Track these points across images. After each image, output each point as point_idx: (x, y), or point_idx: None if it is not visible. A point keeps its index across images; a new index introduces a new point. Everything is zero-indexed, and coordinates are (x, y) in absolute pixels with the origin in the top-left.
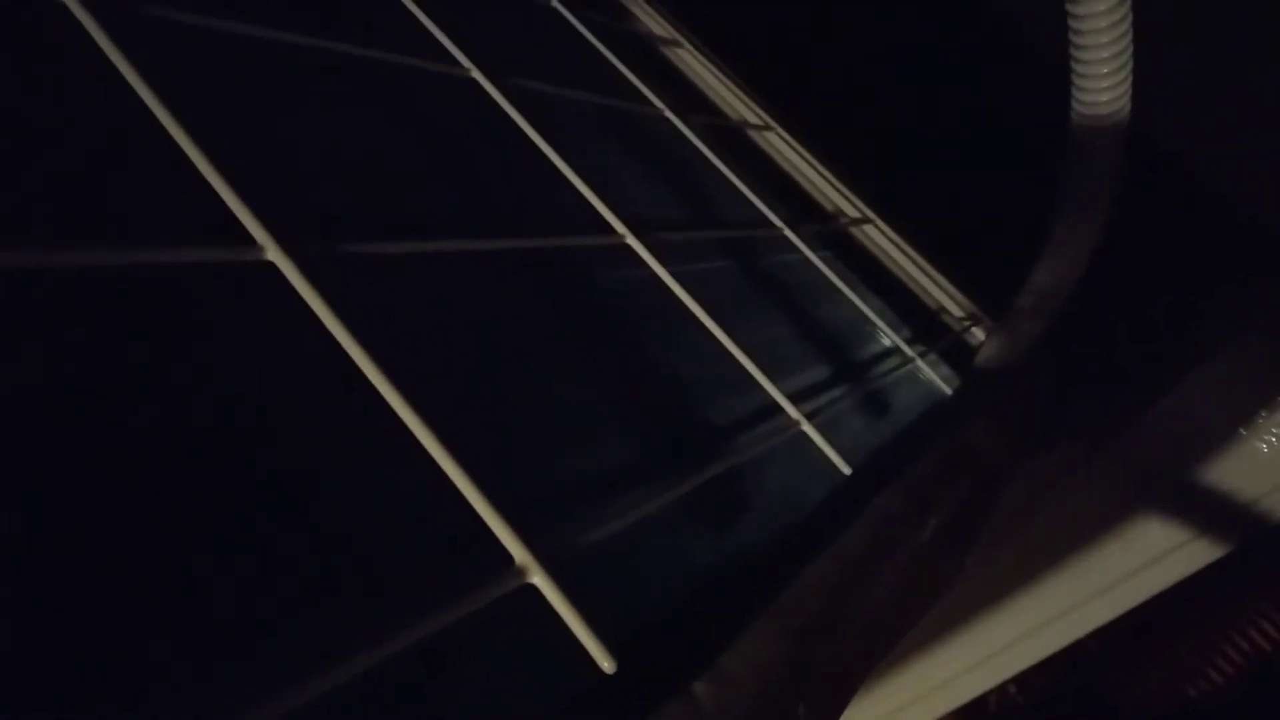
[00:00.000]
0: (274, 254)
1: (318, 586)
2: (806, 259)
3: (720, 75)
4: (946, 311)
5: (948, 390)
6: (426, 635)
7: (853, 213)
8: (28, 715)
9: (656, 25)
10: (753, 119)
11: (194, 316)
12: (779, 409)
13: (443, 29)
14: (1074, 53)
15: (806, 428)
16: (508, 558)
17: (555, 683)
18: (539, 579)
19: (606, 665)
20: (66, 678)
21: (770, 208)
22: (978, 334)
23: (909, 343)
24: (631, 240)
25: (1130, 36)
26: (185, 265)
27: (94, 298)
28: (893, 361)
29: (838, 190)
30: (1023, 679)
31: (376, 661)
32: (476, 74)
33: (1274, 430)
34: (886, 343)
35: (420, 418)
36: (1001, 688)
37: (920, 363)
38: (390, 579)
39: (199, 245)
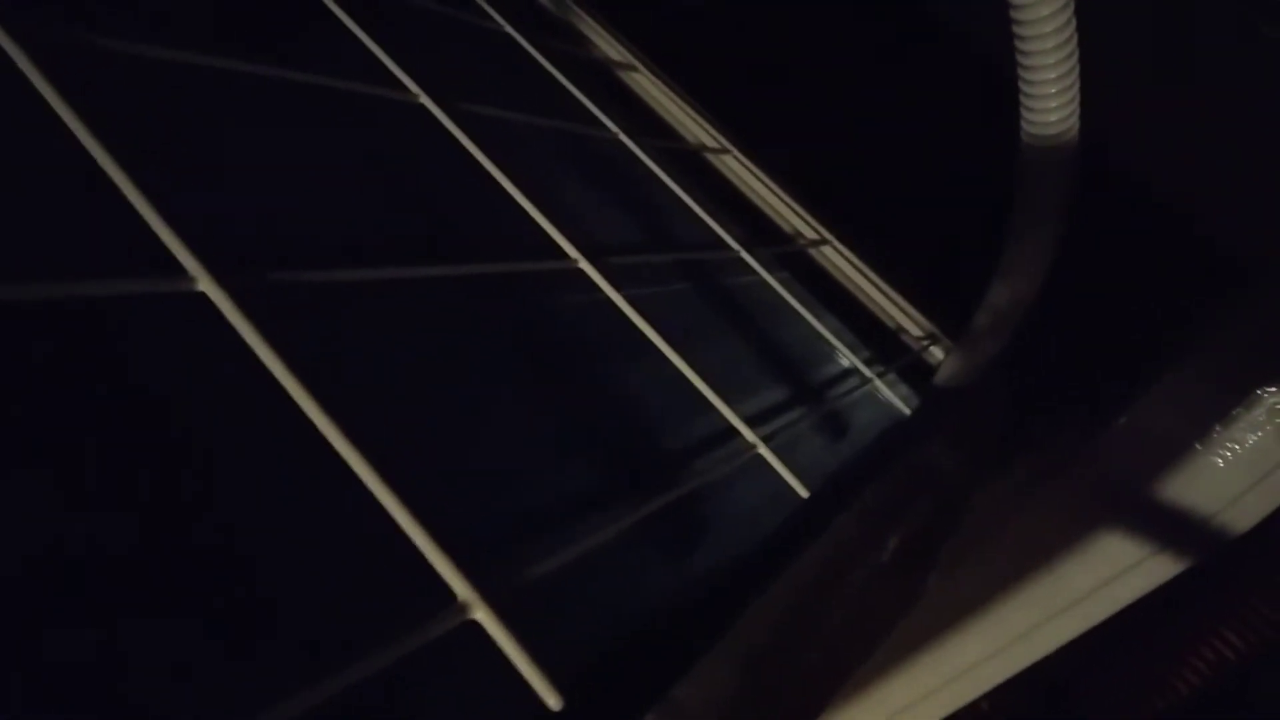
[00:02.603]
0: (206, 284)
1: (250, 626)
2: (763, 280)
3: (676, 99)
4: (905, 331)
5: (906, 410)
6: (365, 676)
7: (810, 234)
8: None
9: (612, 50)
10: (710, 142)
11: (123, 349)
12: (735, 432)
13: (390, 55)
14: (1021, 73)
15: (763, 451)
16: (449, 594)
17: None
18: (482, 614)
19: (553, 702)
20: None
21: (726, 230)
22: (936, 353)
23: (867, 363)
24: (584, 264)
25: (1076, 56)
26: (114, 297)
27: (20, 331)
28: (851, 382)
29: (795, 212)
30: (994, 696)
31: (314, 703)
32: (425, 99)
33: (1229, 445)
34: (844, 363)
35: (357, 450)
36: (974, 705)
37: (879, 383)
38: (326, 617)
39: (128, 277)
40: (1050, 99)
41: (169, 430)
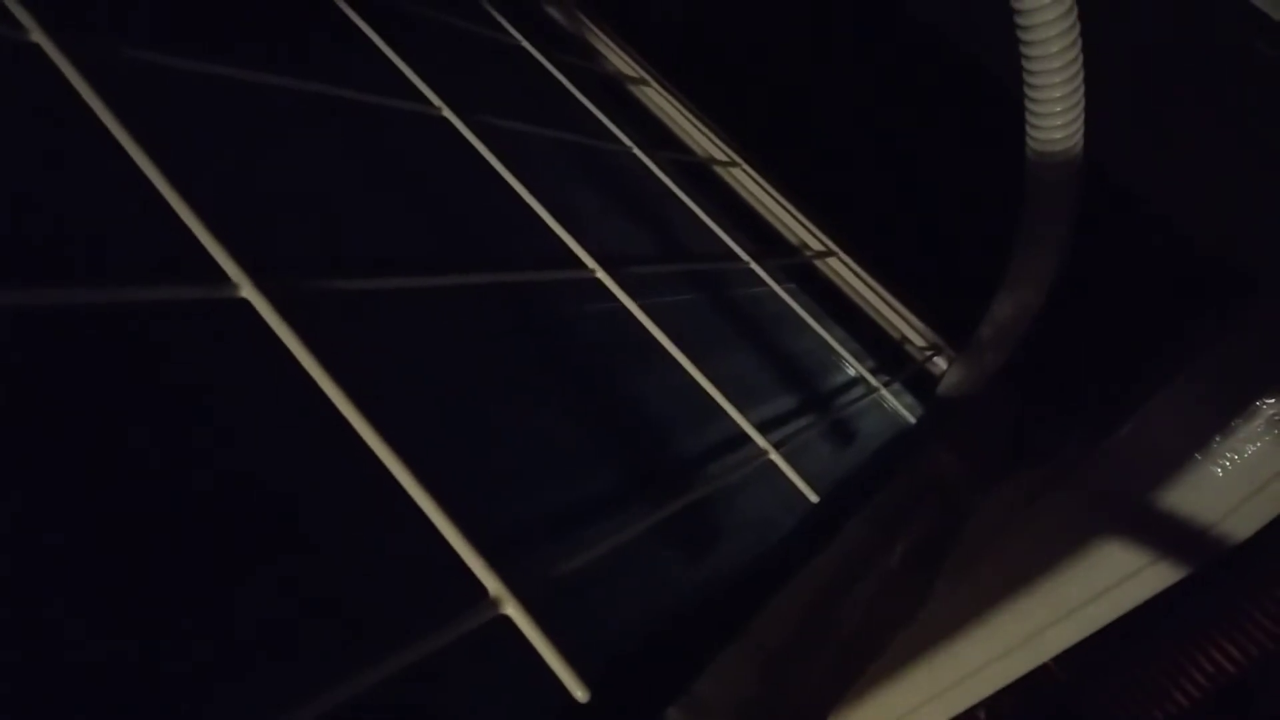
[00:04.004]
0: (248, 291)
1: (292, 621)
2: (772, 291)
3: (687, 113)
4: (909, 342)
5: (911, 419)
6: (401, 668)
7: (817, 246)
8: None
9: (624, 65)
10: (719, 155)
11: (170, 354)
12: (747, 439)
13: (414, 69)
14: (1027, 89)
15: (774, 457)
16: (481, 589)
17: (529, 713)
18: (512, 610)
19: (580, 695)
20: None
21: (736, 241)
22: (940, 364)
23: (873, 373)
24: (601, 274)
25: (1081, 72)
26: (161, 303)
27: (70, 336)
28: (858, 391)
29: (802, 224)
30: (991, 703)
31: (351, 695)
32: (448, 113)
33: (1229, 455)
34: (851, 373)
35: (394, 451)
36: (971, 713)
37: (884, 392)
38: (364, 612)
39: (174, 283)
40: (1056, 116)
41: (213, 429)
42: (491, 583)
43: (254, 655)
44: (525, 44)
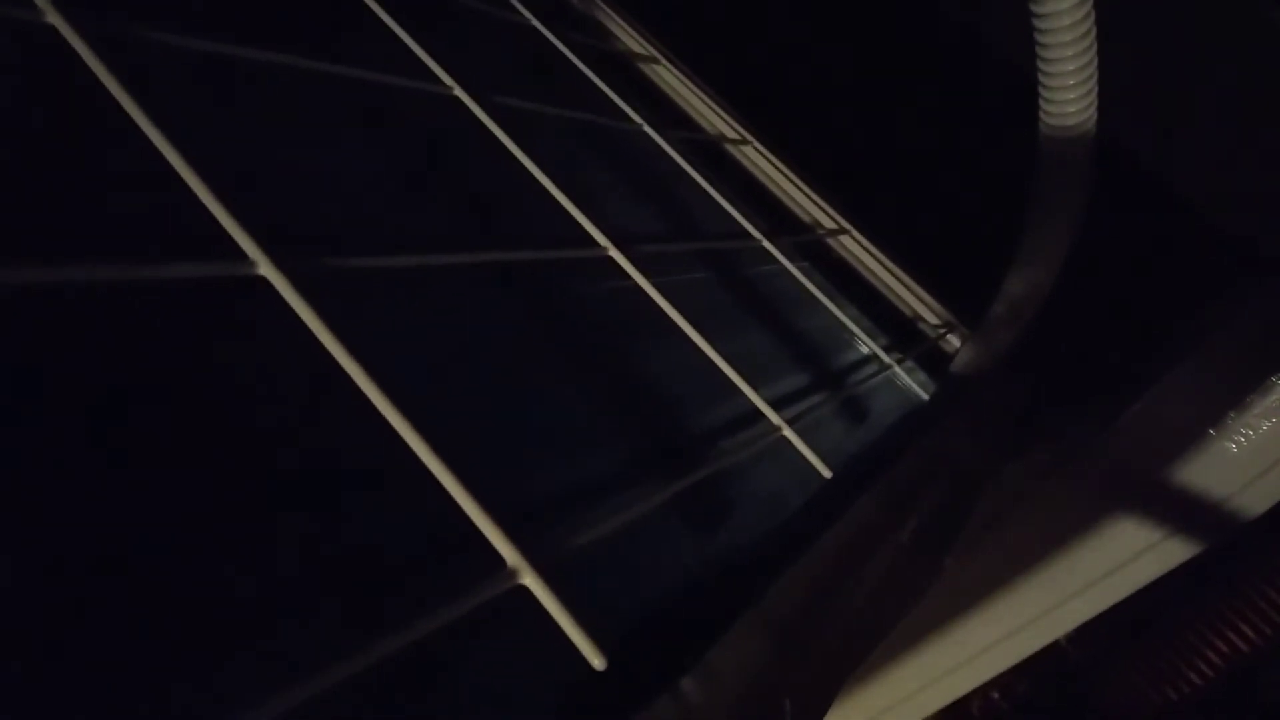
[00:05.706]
0: (266, 269)
1: (315, 589)
2: (785, 269)
3: (697, 91)
4: (922, 320)
5: (924, 396)
6: (421, 636)
7: (829, 224)
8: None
9: (635, 43)
10: (730, 133)
11: (188, 331)
12: (761, 415)
13: (426, 49)
14: (1041, 66)
15: (788, 433)
16: (499, 560)
17: (547, 680)
18: (530, 580)
19: (597, 663)
20: (67, 678)
21: (748, 220)
22: (953, 341)
23: (886, 350)
24: (614, 252)
25: (1095, 50)
26: (179, 280)
27: (89, 313)
28: (871, 368)
29: (814, 202)
30: (1005, 684)
31: (373, 662)
32: (459, 92)
33: (1243, 430)
34: (864, 350)
35: (412, 426)
36: (985, 693)
37: (897, 369)
38: (386, 582)
39: (192, 261)
40: (1069, 90)
41: (233, 404)
42: (509, 553)
43: (274, 622)
44: (535, 23)
